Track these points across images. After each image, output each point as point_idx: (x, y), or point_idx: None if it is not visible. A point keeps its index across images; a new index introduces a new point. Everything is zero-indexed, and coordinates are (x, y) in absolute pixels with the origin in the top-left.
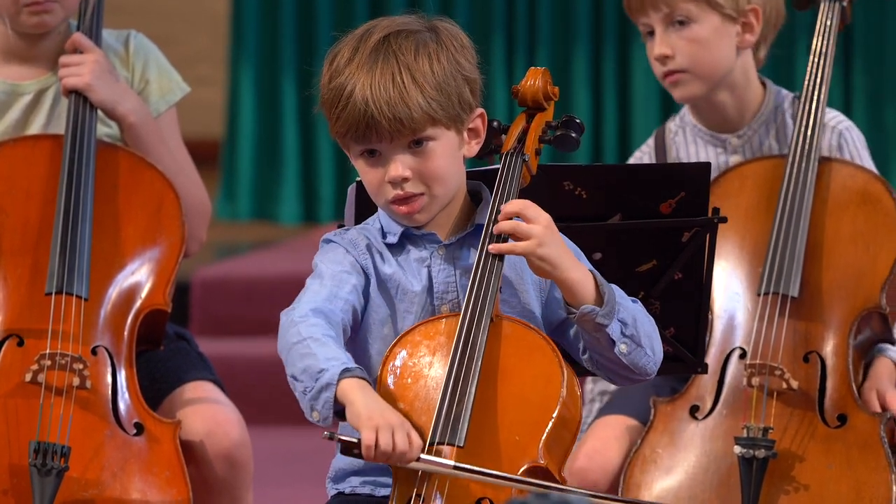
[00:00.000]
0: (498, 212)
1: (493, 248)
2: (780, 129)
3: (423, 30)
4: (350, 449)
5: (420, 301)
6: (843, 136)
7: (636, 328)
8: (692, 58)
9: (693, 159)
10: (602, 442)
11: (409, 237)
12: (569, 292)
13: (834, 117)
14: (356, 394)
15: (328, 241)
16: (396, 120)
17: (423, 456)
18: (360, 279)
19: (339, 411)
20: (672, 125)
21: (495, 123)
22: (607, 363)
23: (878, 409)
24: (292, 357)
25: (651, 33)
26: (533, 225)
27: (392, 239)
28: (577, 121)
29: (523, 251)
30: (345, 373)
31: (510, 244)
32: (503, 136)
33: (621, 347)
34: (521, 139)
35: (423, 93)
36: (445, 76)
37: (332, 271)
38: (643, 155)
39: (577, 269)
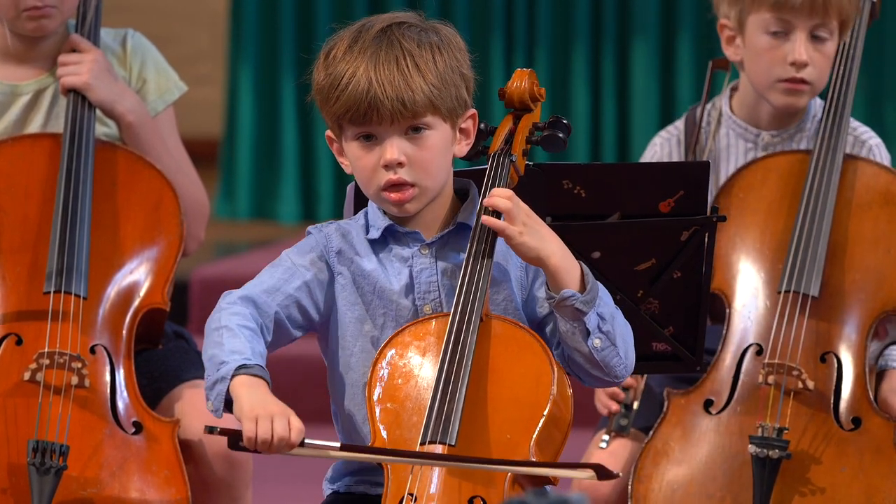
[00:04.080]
0: (487, 211)
1: (486, 219)
2: (812, 137)
3: (422, 26)
4: (236, 442)
5: (399, 299)
6: (873, 151)
7: (613, 326)
8: (821, 74)
9: (724, 150)
10: (608, 454)
11: (393, 234)
12: (553, 278)
13: (866, 132)
14: (243, 390)
15: (308, 232)
16: (399, 101)
17: (307, 441)
18: (321, 275)
19: (230, 404)
20: (704, 111)
21: (483, 125)
22: (579, 358)
23: None
24: (207, 343)
25: (776, 34)
26: (518, 215)
27: (375, 234)
28: (564, 121)
29: (511, 235)
30: (241, 369)
31: (503, 223)
32: (491, 138)
33: (595, 342)
34: (509, 140)
35: (425, 79)
36: (446, 69)
37: (290, 263)
38: (671, 136)
39: (564, 258)
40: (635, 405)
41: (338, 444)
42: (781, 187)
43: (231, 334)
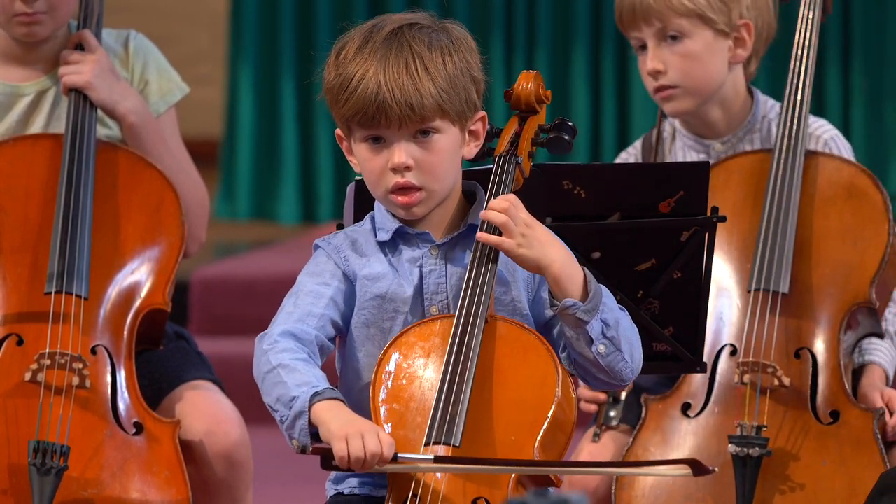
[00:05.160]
0: (482, 225)
1: (480, 236)
2: (765, 139)
3: (434, 27)
4: (328, 461)
5: (409, 301)
6: (829, 145)
7: (618, 332)
8: (684, 73)
9: None
10: (597, 448)
11: (403, 236)
12: (555, 286)
13: (820, 126)
14: (326, 415)
15: (316, 246)
16: (408, 105)
17: (400, 455)
18: (342, 286)
19: (316, 433)
20: (661, 130)
21: (489, 126)
22: (584, 362)
23: (881, 405)
24: (266, 387)
25: (643, 48)
26: (515, 226)
27: (385, 236)
28: (570, 124)
29: (508, 248)
30: (315, 397)
31: (497, 238)
32: (496, 139)
33: (599, 348)
34: (514, 142)
35: (434, 83)
36: (456, 72)
37: (309, 287)
38: (629, 157)
39: (565, 266)
40: (623, 395)
41: (431, 457)
42: (744, 187)
43: (288, 370)
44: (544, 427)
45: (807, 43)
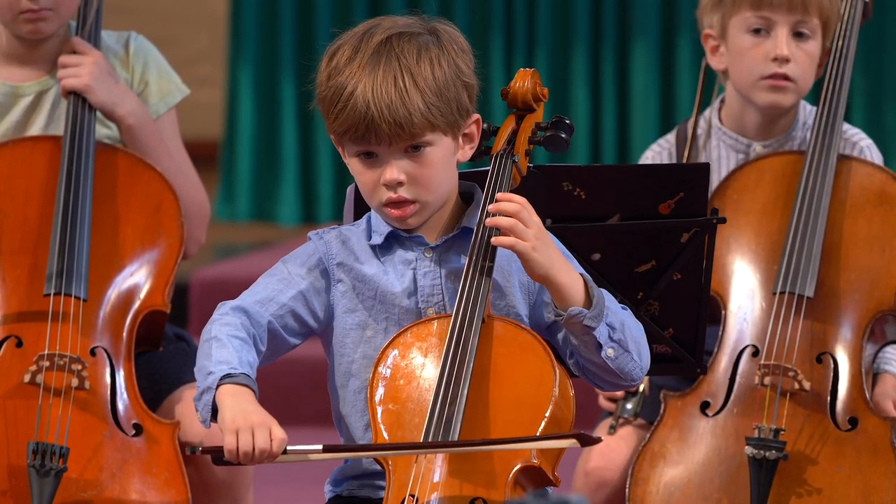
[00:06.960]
0: (489, 214)
1: (495, 240)
2: (803, 144)
3: (424, 32)
4: (220, 458)
5: (402, 303)
6: (864, 153)
7: (624, 333)
8: (804, 71)
9: (715, 161)
10: (615, 440)
11: (397, 238)
12: (558, 295)
13: (856, 133)
14: (226, 399)
15: (309, 237)
16: (396, 124)
17: (289, 448)
18: (319, 283)
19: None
20: (696, 120)
21: (485, 125)
22: (593, 367)
23: (894, 414)
24: (199, 354)
25: (757, 31)
26: (528, 228)
27: (378, 239)
28: (567, 121)
29: (522, 250)
30: (226, 378)
31: (511, 239)
32: (493, 138)
33: (608, 351)
34: (511, 140)
35: (423, 98)
36: (446, 81)
37: (286, 273)
38: (662, 150)
39: (568, 273)
40: (641, 387)
41: (320, 447)
42: (775, 188)
43: (219, 345)
44: (542, 426)
45: (845, 48)
